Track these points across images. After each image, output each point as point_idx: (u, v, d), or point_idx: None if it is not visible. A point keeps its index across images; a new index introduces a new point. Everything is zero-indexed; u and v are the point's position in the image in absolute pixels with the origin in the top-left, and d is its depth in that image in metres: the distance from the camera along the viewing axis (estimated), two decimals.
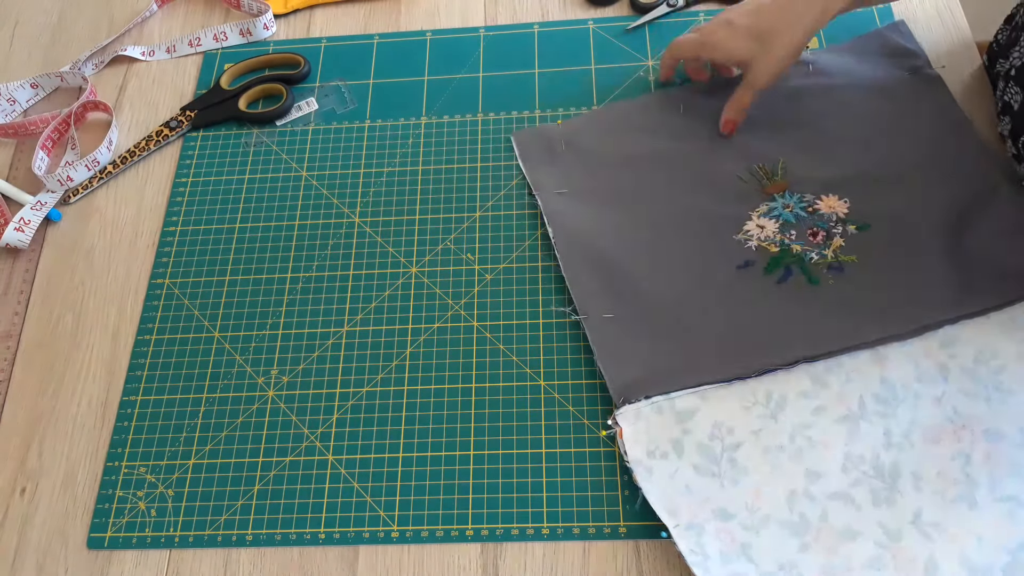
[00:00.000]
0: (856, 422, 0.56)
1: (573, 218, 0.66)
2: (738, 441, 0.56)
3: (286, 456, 0.59)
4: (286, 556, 0.56)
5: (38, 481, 0.61)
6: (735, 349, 0.59)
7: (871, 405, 0.56)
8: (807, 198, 0.64)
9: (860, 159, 0.66)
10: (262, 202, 0.71)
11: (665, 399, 0.57)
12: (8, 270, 0.70)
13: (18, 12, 0.87)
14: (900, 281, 0.60)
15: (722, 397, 0.57)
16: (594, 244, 0.64)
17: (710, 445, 0.56)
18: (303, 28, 0.82)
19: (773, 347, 0.58)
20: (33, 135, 0.77)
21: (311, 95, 0.76)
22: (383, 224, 0.69)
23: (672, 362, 0.59)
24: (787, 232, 0.62)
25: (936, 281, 0.59)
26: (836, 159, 0.66)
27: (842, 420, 0.56)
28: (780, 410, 0.57)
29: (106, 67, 0.81)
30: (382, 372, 0.62)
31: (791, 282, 0.61)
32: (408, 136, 0.73)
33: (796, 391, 0.57)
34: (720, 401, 0.57)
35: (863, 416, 0.56)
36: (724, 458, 0.55)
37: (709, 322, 0.60)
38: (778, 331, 0.59)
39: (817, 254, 0.61)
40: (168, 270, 0.68)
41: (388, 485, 0.58)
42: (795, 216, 0.63)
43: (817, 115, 0.68)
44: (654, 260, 0.63)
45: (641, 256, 0.64)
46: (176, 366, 0.64)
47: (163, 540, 0.57)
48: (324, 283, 0.66)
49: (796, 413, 0.56)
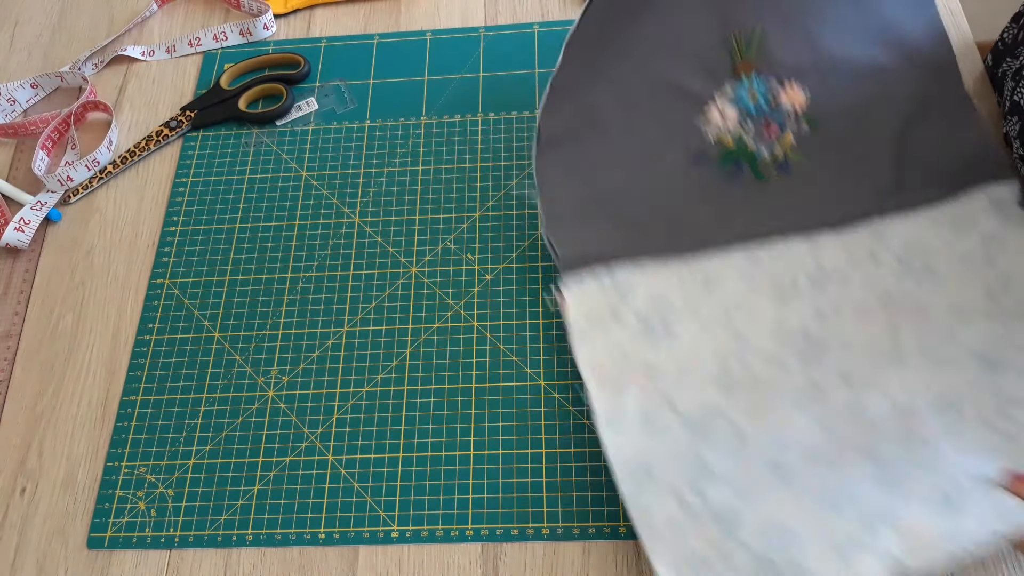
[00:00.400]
0: (788, 300, 0.58)
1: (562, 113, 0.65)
2: (673, 312, 0.59)
3: (286, 456, 0.59)
4: (286, 556, 0.56)
5: (38, 481, 0.61)
6: (678, 230, 0.62)
7: (804, 285, 0.59)
8: (772, 85, 0.65)
9: (834, 44, 0.65)
10: (262, 202, 0.71)
11: (607, 272, 0.60)
12: (8, 270, 0.70)
13: (18, 12, 0.87)
14: (840, 178, 0.63)
15: (661, 272, 0.60)
16: (571, 133, 0.65)
17: (646, 315, 0.59)
18: (303, 28, 0.82)
19: (714, 229, 0.61)
20: (33, 135, 0.77)
21: (311, 95, 0.76)
22: (383, 224, 0.69)
23: (618, 239, 0.62)
24: (745, 123, 0.65)
25: (874, 178, 0.62)
26: (812, 41, 0.65)
27: (774, 298, 0.59)
28: (716, 286, 0.59)
29: (106, 67, 0.81)
30: (382, 372, 0.62)
31: (740, 178, 0.64)
32: (408, 136, 0.73)
33: (732, 269, 0.60)
34: (659, 275, 0.60)
35: (795, 295, 0.59)
36: (659, 327, 0.58)
37: (658, 205, 0.63)
38: (721, 217, 0.62)
39: (768, 151, 0.64)
40: (168, 270, 0.68)
41: (388, 485, 0.58)
42: (756, 108, 0.65)
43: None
44: (618, 140, 0.65)
45: (606, 134, 0.65)
46: (176, 366, 0.64)
47: (163, 540, 0.57)
48: (324, 283, 0.66)
49: (731, 289, 0.59)
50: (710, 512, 0.49)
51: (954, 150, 0.62)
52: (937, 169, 0.62)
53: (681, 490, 0.51)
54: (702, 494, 0.50)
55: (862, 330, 0.57)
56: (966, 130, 0.63)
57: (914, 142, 0.63)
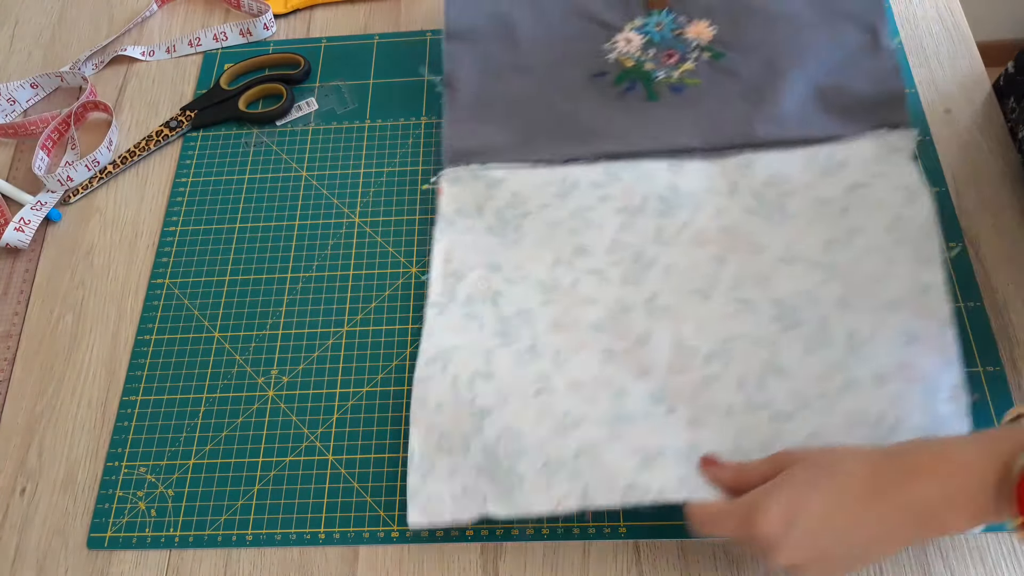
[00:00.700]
0: (634, 215, 0.61)
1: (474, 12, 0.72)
2: (527, 211, 0.63)
3: (286, 456, 0.59)
4: (286, 556, 0.56)
5: (38, 481, 0.61)
6: (559, 140, 0.65)
7: (653, 204, 0.62)
8: (680, 20, 0.69)
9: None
10: (262, 202, 0.71)
11: (482, 168, 0.65)
12: (8, 270, 0.70)
13: (18, 12, 0.87)
14: (729, 105, 0.65)
15: (527, 174, 0.64)
16: (482, 35, 0.71)
17: (504, 211, 0.63)
18: (303, 28, 0.82)
19: (588, 142, 0.65)
20: (33, 135, 0.77)
21: (311, 95, 0.76)
22: (383, 224, 0.69)
23: (504, 141, 0.66)
24: (647, 50, 0.68)
25: (763, 111, 0.64)
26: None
27: (622, 211, 0.62)
28: (571, 191, 0.63)
29: (106, 67, 0.81)
30: (382, 372, 0.62)
31: (632, 95, 0.67)
32: (408, 136, 0.73)
33: (589, 179, 0.63)
34: (524, 177, 0.64)
35: (642, 211, 0.61)
36: (512, 224, 0.63)
37: (549, 115, 0.67)
38: (601, 131, 0.65)
39: (664, 73, 0.67)
40: (168, 270, 0.68)
41: (388, 485, 0.58)
42: (660, 36, 0.69)
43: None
44: (528, 50, 0.69)
45: (516, 45, 0.70)
46: (176, 366, 0.64)
47: (163, 540, 0.57)
48: (324, 283, 0.66)
49: (584, 197, 0.62)
50: (471, 404, 0.56)
51: (857, 96, 0.64)
52: (834, 111, 0.64)
53: (460, 379, 0.57)
54: (473, 388, 0.56)
55: (690, 258, 0.60)
56: (875, 80, 0.65)
57: (817, 84, 0.65)
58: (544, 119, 0.67)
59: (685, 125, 0.65)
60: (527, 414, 0.55)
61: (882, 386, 0.53)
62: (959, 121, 0.68)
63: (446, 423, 0.56)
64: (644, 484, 0.51)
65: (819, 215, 0.60)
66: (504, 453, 0.54)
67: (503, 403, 0.55)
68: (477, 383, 0.57)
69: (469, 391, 0.56)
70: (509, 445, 0.54)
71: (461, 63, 0.70)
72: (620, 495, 0.51)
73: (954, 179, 0.65)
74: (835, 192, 0.60)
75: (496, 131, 0.67)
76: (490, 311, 0.60)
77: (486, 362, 0.57)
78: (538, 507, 0.52)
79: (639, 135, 0.65)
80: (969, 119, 0.68)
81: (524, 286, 0.60)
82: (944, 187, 0.65)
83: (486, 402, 0.56)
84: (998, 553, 0.52)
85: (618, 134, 0.65)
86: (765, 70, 0.66)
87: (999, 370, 0.57)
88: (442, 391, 0.57)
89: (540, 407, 0.55)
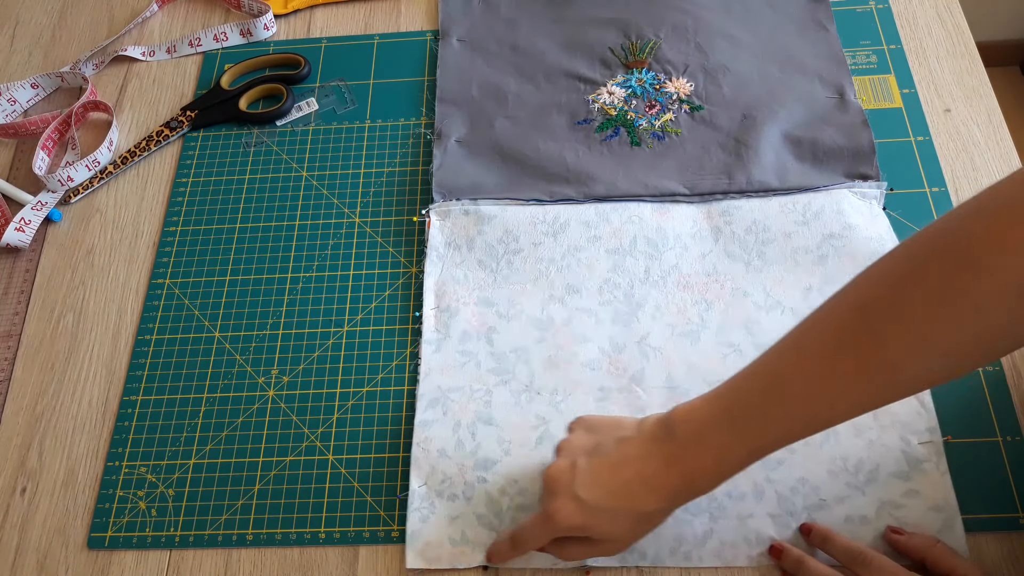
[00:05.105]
0: (624, 256, 0.64)
1: (461, 64, 0.76)
2: (519, 248, 0.65)
3: (286, 456, 0.59)
4: (286, 556, 0.56)
5: (38, 481, 0.61)
6: (547, 181, 0.68)
7: (641, 246, 0.64)
8: (660, 77, 0.72)
9: (727, 54, 0.73)
10: (262, 202, 0.71)
11: (472, 204, 0.67)
12: (8, 270, 0.70)
13: (18, 12, 0.87)
14: (707, 155, 0.68)
15: (518, 212, 0.66)
16: (471, 82, 0.74)
17: (495, 247, 0.65)
18: (303, 28, 0.82)
19: (577, 184, 0.67)
20: (33, 135, 0.77)
21: (311, 95, 0.76)
22: (383, 224, 0.69)
23: (492, 180, 0.68)
24: (630, 101, 0.71)
25: (738, 160, 0.67)
26: (705, 50, 0.73)
27: (612, 252, 0.64)
28: (562, 231, 0.65)
29: (106, 67, 0.81)
30: (382, 372, 0.62)
31: (615, 141, 0.69)
32: (408, 136, 0.73)
33: (580, 219, 0.65)
34: (515, 214, 0.66)
35: (631, 253, 0.64)
36: (503, 260, 0.64)
37: (537, 158, 0.69)
38: (588, 174, 0.67)
39: (646, 122, 0.70)
40: (168, 270, 0.68)
41: (388, 485, 0.58)
42: (642, 90, 0.72)
43: (703, 7, 0.75)
44: (515, 104, 0.72)
45: (507, 100, 0.73)
46: (176, 366, 0.64)
47: (163, 540, 0.57)
48: (324, 283, 0.66)
49: (574, 237, 0.65)
50: (474, 455, 0.57)
51: (828, 148, 0.66)
52: (808, 162, 0.66)
53: (461, 425, 0.58)
54: (475, 436, 0.58)
55: (677, 301, 0.61)
56: (845, 134, 0.67)
57: (791, 136, 0.67)
58: (530, 160, 0.69)
59: (668, 170, 0.67)
60: (530, 464, 0.56)
61: (859, 435, 0.55)
62: (959, 121, 0.68)
63: (449, 469, 0.57)
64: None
65: (797, 263, 0.62)
66: (508, 505, 0.55)
67: (505, 454, 0.57)
68: (479, 429, 0.58)
69: (472, 439, 0.57)
70: (514, 498, 0.55)
71: (452, 120, 0.72)
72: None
73: (954, 179, 0.65)
74: (812, 241, 0.62)
75: (484, 171, 0.69)
76: (485, 348, 0.61)
77: (486, 404, 0.59)
78: (539, 561, 0.53)
79: (624, 178, 0.67)
80: (969, 119, 0.68)
81: (519, 322, 0.62)
82: (944, 187, 0.65)
83: (489, 454, 0.57)
84: (999, 554, 0.52)
85: (603, 177, 0.67)
86: (741, 122, 0.69)
87: (999, 370, 0.57)
88: (444, 437, 0.58)
89: (542, 458, 0.56)
